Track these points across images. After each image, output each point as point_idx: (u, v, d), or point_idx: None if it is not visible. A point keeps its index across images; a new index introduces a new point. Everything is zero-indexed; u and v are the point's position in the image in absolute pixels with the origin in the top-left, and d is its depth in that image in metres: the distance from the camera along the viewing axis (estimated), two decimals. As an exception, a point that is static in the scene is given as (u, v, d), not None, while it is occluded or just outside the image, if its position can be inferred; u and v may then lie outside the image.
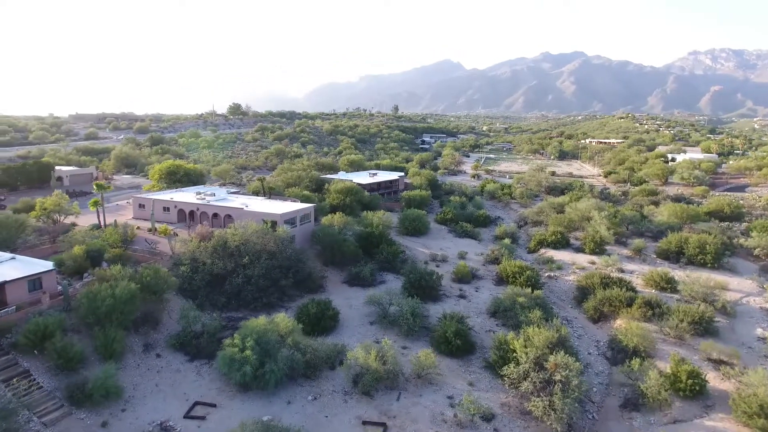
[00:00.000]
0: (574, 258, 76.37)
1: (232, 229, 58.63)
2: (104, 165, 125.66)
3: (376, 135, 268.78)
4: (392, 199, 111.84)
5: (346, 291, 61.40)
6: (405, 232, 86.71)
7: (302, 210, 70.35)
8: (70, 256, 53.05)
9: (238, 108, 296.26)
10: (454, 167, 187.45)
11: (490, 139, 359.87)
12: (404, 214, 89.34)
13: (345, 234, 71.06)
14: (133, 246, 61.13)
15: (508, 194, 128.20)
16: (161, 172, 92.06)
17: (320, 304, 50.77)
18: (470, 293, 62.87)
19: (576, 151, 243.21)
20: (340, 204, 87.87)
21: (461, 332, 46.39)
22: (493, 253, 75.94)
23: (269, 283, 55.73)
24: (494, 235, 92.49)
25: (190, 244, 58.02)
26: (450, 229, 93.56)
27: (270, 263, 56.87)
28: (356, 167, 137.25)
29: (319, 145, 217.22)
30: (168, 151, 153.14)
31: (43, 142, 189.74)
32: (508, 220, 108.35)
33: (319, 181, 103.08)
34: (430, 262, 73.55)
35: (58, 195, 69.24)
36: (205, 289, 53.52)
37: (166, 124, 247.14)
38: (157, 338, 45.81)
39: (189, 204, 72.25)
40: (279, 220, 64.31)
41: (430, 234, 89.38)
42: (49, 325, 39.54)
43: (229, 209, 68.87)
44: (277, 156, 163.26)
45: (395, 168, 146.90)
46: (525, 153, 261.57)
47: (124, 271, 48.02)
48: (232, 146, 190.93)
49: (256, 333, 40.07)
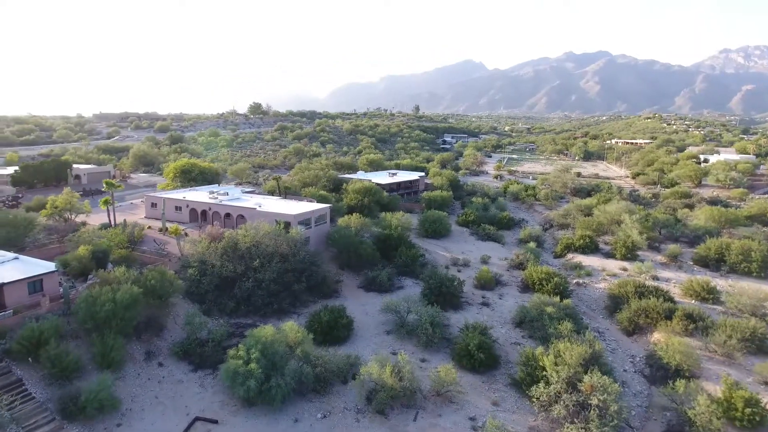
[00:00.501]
0: (604, 264, 71.86)
1: (243, 230, 55.98)
2: (122, 163, 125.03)
3: (396, 134, 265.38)
4: (412, 199, 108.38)
5: (361, 296, 58.25)
6: (425, 234, 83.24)
7: (317, 210, 67.46)
8: (75, 257, 51.00)
9: (258, 107, 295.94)
10: (476, 167, 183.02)
11: (512, 139, 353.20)
12: (424, 215, 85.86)
13: (362, 236, 68.01)
14: (142, 246, 59.00)
15: (532, 196, 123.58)
16: (176, 170, 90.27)
17: (333, 312, 47.68)
18: (494, 301, 59.09)
19: (601, 152, 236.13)
20: (358, 204, 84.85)
21: (485, 345, 42.77)
22: (517, 258, 71.93)
23: (281, 288, 52.88)
24: (518, 239, 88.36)
25: (199, 245, 55.53)
26: (472, 232, 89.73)
27: (282, 266, 54.02)
28: (376, 167, 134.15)
29: (338, 144, 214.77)
30: (186, 149, 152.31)
31: (67, 140, 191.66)
32: (532, 222, 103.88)
33: (336, 181, 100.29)
34: (451, 267, 69.96)
35: (69, 193, 67.62)
36: (213, 293, 50.92)
37: (187, 124, 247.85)
38: (160, 345, 43.25)
39: (201, 203, 69.99)
40: (293, 221, 61.51)
41: (451, 236, 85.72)
42: (44, 331, 37.23)
43: (242, 209, 66.34)
44: (295, 155, 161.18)
45: (416, 168, 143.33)
46: (548, 153, 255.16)
47: (128, 274, 45.68)
48: (251, 145, 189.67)
49: (261, 344, 37.10)
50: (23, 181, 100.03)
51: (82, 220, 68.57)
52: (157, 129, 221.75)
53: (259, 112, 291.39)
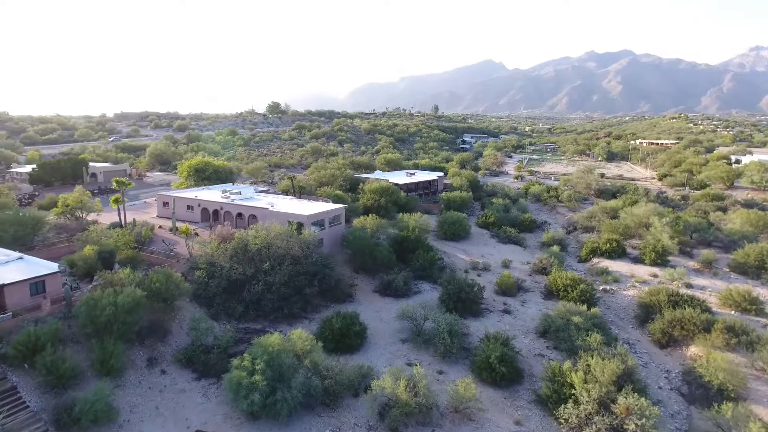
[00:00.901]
0: (633, 269, 68.06)
1: (254, 231, 53.84)
2: (138, 162, 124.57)
3: (415, 134, 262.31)
4: (431, 200, 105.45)
5: (376, 301, 55.65)
6: (444, 236, 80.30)
7: (332, 211, 65.07)
8: (80, 257, 49.42)
9: (277, 107, 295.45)
10: (496, 168, 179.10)
11: (532, 139, 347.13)
12: (443, 216, 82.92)
13: (378, 238, 65.45)
14: (150, 246, 57.32)
15: (554, 197, 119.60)
16: (189, 169, 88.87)
17: (345, 318, 45.16)
18: (516, 308, 55.94)
19: (625, 153, 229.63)
20: (374, 205, 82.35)
21: (507, 357, 39.78)
22: (540, 262, 68.51)
23: (292, 292, 50.59)
24: (541, 242, 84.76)
25: (208, 246, 53.56)
26: (492, 234, 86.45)
27: (293, 269, 51.74)
28: (393, 166, 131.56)
29: (356, 144, 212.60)
30: (203, 148, 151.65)
31: (87, 139, 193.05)
32: (555, 225, 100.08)
33: (353, 181, 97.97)
34: (471, 271, 66.94)
35: (80, 191, 66.39)
36: (221, 297, 48.83)
37: (206, 123, 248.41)
38: (164, 351, 41.23)
39: (213, 203, 68.19)
40: (306, 221, 59.21)
41: (470, 239, 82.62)
42: (40, 336, 35.45)
43: (254, 209, 64.30)
44: (312, 154, 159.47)
45: (434, 168, 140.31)
46: (570, 154, 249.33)
47: (133, 276, 43.85)
48: (268, 144, 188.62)
49: (267, 354, 34.72)
50: (41, 180, 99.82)
51: (93, 219, 67.35)
52: (176, 128, 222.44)
53: (278, 112, 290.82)
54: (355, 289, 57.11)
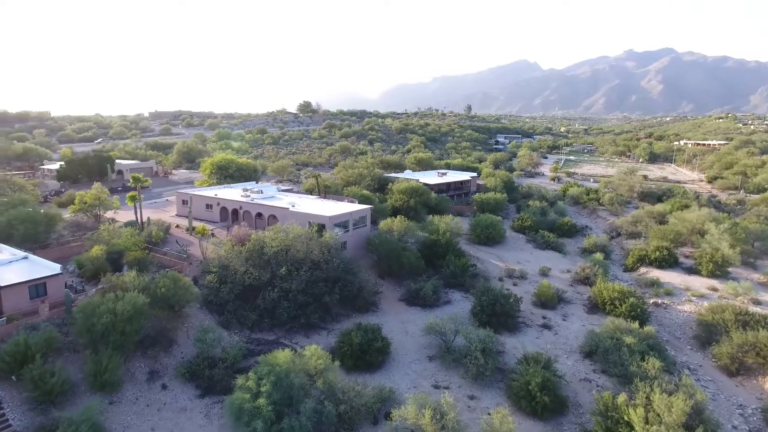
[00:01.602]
0: (687, 281, 61.38)
1: (271, 233, 50.06)
2: (165, 159, 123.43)
3: (447, 134, 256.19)
4: (463, 201, 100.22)
5: (402, 312, 51.08)
6: (476, 240, 75.07)
7: (356, 212, 60.82)
8: (88, 258, 46.60)
9: (308, 106, 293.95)
10: (532, 169, 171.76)
11: (568, 140, 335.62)
12: (476, 219, 77.64)
13: (406, 241, 60.86)
14: (164, 247, 54.26)
15: (594, 200, 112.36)
16: (212, 166, 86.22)
17: (367, 332, 40.77)
18: (556, 322, 50.43)
19: (669, 154, 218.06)
20: (403, 206, 77.87)
21: (549, 384, 34.61)
22: (583, 271, 62.58)
23: (310, 299, 46.56)
24: (581, 248, 78.55)
25: (223, 247, 50.08)
26: (529, 239, 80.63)
27: (312, 275, 47.72)
28: (424, 166, 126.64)
29: (387, 143, 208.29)
30: (231, 146, 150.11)
31: (121, 137, 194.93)
32: (596, 229, 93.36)
33: (382, 180, 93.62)
34: (506, 279, 61.67)
35: (98, 188, 64.14)
36: (233, 303, 45.14)
37: (237, 122, 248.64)
38: (167, 363, 37.71)
39: (232, 201, 64.91)
40: (328, 223, 55.13)
41: (505, 243, 77.13)
42: (31, 346, 32.34)
43: (274, 209, 60.63)
44: (341, 153, 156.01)
45: (467, 168, 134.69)
46: (609, 155, 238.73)
47: (138, 279, 40.58)
48: (298, 143, 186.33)
49: (275, 374, 30.62)
50: (68, 176, 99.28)
51: (110, 217, 65.07)
52: (208, 126, 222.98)
53: (309, 111, 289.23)
54: (380, 297, 52.72)
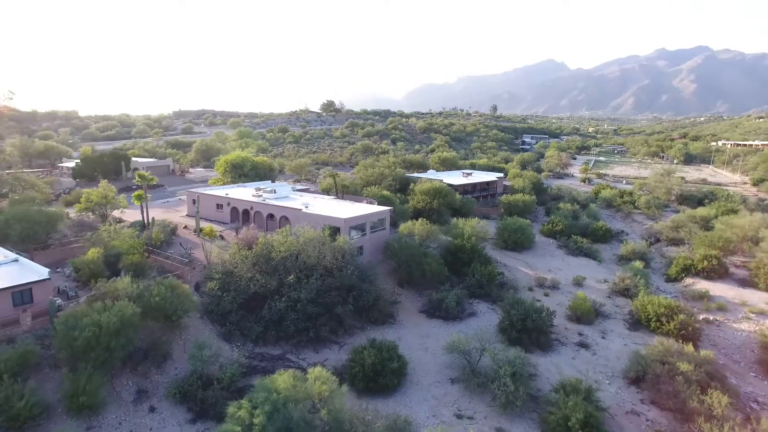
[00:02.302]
0: (742, 295, 55.21)
1: (280, 236, 46.06)
2: (183, 157, 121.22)
3: (472, 134, 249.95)
4: (489, 203, 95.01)
5: (422, 325, 46.46)
6: (504, 245, 69.93)
7: (375, 214, 56.45)
8: (83, 261, 43.31)
9: (331, 105, 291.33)
10: (560, 170, 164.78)
11: (597, 140, 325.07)
12: (503, 223, 72.45)
13: (427, 246, 56.20)
14: (168, 250, 50.80)
15: (629, 202, 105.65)
16: (226, 164, 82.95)
17: (381, 350, 36.30)
18: (594, 340, 45.13)
19: (706, 155, 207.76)
20: (426, 207, 73.22)
21: (593, 421, 29.58)
22: (622, 282, 56.88)
23: (321, 310, 42.37)
24: (618, 255, 72.63)
25: (228, 251, 46.30)
26: (560, 244, 75.01)
27: (324, 283, 43.55)
28: (448, 166, 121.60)
29: (410, 142, 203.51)
30: (251, 145, 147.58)
31: (143, 136, 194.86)
32: (633, 235, 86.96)
33: (403, 180, 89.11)
34: (536, 289, 56.49)
35: (105, 186, 61.24)
36: (236, 314, 41.21)
37: (259, 120, 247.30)
38: (158, 382, 33.90)
39: (243, 201, 61.24)
40: (343, 225, 50.88)
41: (535, 249, 71.75)
42: (1, 362, 28.86)
43: (286, 210, 56.69)
44: (363, 152, 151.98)
45: (493, 168, 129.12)
46: (641, 156, 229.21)
47: (132, 286, 36.99)
48: (319, 142, 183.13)
49: (272, 402, 26.41)
50: (83, 174, 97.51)
51: (117, 217, 62.14)
52: (230, 125, 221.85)
53: (332, 110, 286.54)
54: (398, 308, 48.22)
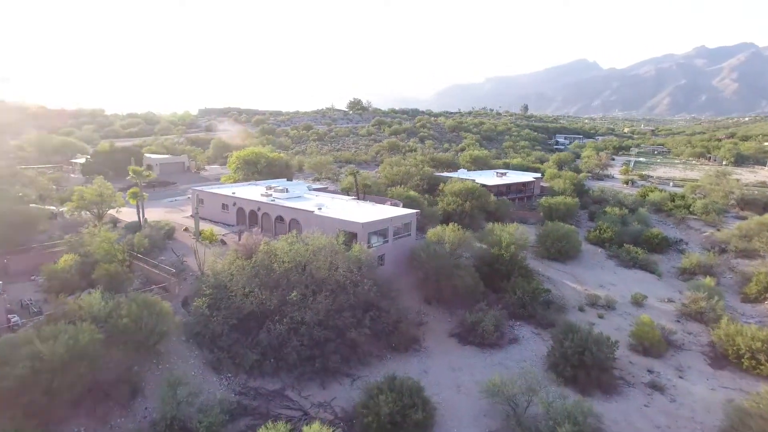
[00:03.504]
0: (843, 321, 45.38)
1: (285, 243, 38.74)
2: (199, 154, 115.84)
3: (503, 133, 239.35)
4: (526, 206, 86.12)
5: (453, 352, 38.51)
6: (546, 254, 61.25)
7: (398, 217, 48.67)
8: (53, 271, 36.83)
9: (358, 103, 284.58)
10: (600, 170, 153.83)
11: (635, 141, 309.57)
12: (545, 229, 63.71)
13: (459, 255, 48.13)
14: (159, 257, 44.09)
15: (682, 207, 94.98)
16: (238, 160, 76.39)
17: (402, 394, 28.52)
18: (669, 380, 36.30)
19: (760, 156, 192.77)
20: (457, 210, 65.18)
21: None
22: (695, 303, 47.59)
23: (331, 334, 34.91)
24: (679, 268, 63.02)
25: (225, 260, 39.22)
26: (610, 254, 65.78)
27: (335, 301, 36.08)
28: (480, 165, 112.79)
29: (439, 141, 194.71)
30: (273, 142, 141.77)
31: (166, 133, 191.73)
32: (692, 244, 76.78)
33: (432, 180, 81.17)
34: (588, 309, 47.82)
35: (100, 183, 55.14)
36: (228, 337, 34.03)
37: (284, 118, 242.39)
38: (122, 428, 26.90)
39: (251, 201, 54.22)
40: (360, 231, 43.27)
41: (581, 259, 62.84)
42: None
43: (296, 211, 49.36)
44: (389, 151, 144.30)
45: (527, 168, 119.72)
46: (685, 157, 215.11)
47: (100, 304, 30.20)
48: (344, 140, 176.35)
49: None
50: (93, 171, 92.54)
51: (110, 217, 56.01)
52: (254, 123, 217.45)
53: (359, 108, 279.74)
54: (424, 330, 40.41)
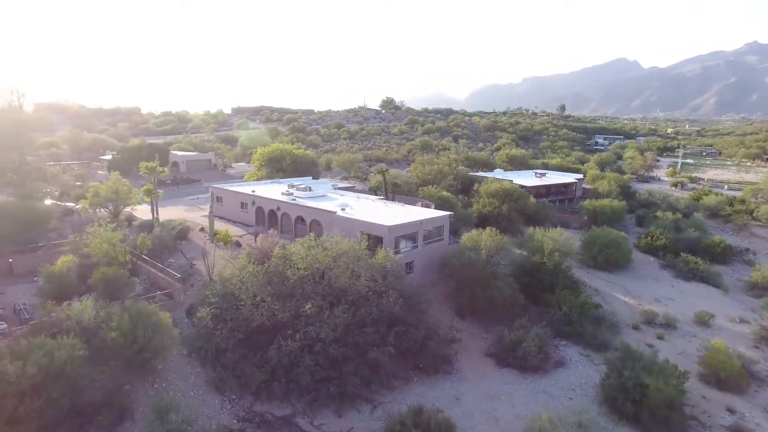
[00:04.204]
0: None
1: (301, 247, 34.53)
2: (226, 151, 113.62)
3: (540, 133, 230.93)
4: (567, 209, 79.86)
5: (490, 376, 33.51)
6: (591, 262, 55.32)
7: (429, 220, 43.91)
8: (52, 273, 33.65)
9: (390, 102, 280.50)
10: (645, 172, 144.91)
11: (680, 141, 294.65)
12: (591, 234, 57.65)
13: (497, 263, 43.05)
14: (168, 259, 40.66)
15: (743, 212, 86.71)
16: (262, 158, 72.99)
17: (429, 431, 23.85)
18: (759, 425, 30.26)
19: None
20: (493, 213, 59.92)
21: None
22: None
23: (350, 353, 30.51)
24: (748, 281, 56.02)
25: (235, 264, 35.30)
26: (663, 264, 59.25)
27: (356, 315, 31.69)
28: (517, 165, 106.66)
29: (473, 140, 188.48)
30: (302, 140, 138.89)
31: (198, 131, 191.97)
32: (760, 254, 69.05)
33: (466, 180, 76.07)
34: (644, 327, 41.96)
35: (116, 179, 52.40)
36: (233, 353, 30.05)
37: (316, 117, 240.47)
38: (102, 462, 23.17)
39: (270, 201, 50.40)
40: (387, 234, 38.74)
41: (631, 269, 56.61)
42: None
43: (318, 212, 45.22)
44: (421, 149, 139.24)
45: (567, 169, 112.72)
46: (739, 158, 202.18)
47: (91, 313, 26.69)
48: (375, 138, 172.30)
49: None
50: (119, 167, 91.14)
51: (126, 215, 53.24)
52: (285, 121, 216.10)
53: (391, 107, 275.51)
54: (457, 347, 35.56)
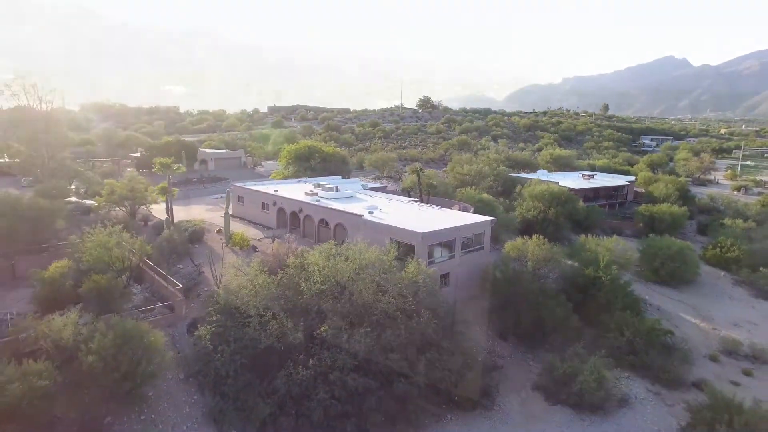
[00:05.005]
0: None
1: (319, 256, 29.91)
2: (256, 149, 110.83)
3: (583, 133, 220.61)
4: (618, 215, 72.85)
5: (538, 417, 28.06)
6: (651, 276, 48.72)
7: (468, 226, 38.65)
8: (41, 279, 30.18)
9: (428, 101, 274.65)
10: (701, 175, 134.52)
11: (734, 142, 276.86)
12: (651, 243, 50.96)
13: (545, 276, 37.50)
14: (176, 265, 36.84)
15: (820, 220, 77.37)
16: (290, 155, 69.10)
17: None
18: None
19: None
20: (538, 218, 53.99)
21: None
22: None
23: (373, 384, 25.68)
24: (839, 302, 48.28)
25: (248, 273, 30.99)
26: (738, 280, 51.95)
27: (381, 338, 26.85)
28: (561, 166, 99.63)
29: (513, 140, 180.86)
30: (336, 138, 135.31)
31: (233, 129, 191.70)
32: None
33: (508, 182, 70.20)
34: (724, 359, 35.48)
35: (132, 177, 49.35)
36: (236, 380, 25.69)
37: (352, 116, 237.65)
38: None
39: (293, 201, 46.14)
40: (419, 242, 33.68)
41: (698, 285, 49.64)
42: None
43: (343, 215, 40.59)
44: (459, 148, 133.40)
45: (615, 171, 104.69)
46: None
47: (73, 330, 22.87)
48: (411, 137, 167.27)
49: None
50: (146, 165, 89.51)
51: (144, 214, 50.12)
52: (320, 120, 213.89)
53: (428, 107, 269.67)
54: (498, 377, 30.24)
